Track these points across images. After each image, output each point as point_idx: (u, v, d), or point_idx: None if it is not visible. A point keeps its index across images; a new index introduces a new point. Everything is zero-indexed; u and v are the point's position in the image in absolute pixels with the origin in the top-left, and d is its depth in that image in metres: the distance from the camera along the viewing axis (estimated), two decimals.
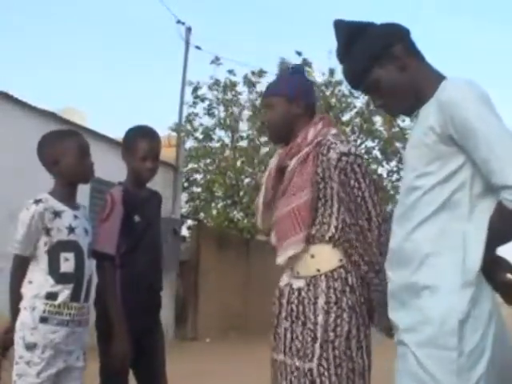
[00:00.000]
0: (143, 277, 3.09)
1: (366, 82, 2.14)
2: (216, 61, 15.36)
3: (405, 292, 1.97)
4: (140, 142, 3.14)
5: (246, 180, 15.29)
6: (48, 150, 2.91)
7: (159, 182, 2.91)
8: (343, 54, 2.19)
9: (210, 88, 15.49)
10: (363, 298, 2.58)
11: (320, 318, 2.52)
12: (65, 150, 2.88)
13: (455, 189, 1.92)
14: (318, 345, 2.50)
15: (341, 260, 2.59)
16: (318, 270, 2.58)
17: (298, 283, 2.62)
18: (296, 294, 2.62)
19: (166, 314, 3.00)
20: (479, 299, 1.86)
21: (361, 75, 2.13)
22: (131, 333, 2.96)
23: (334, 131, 2.73)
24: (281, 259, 2.65)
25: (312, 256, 2.60)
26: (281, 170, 2.76)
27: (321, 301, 2.54)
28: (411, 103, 2.09)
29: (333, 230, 2.58)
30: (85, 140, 2.99)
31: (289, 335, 2.60)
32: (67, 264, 2.81)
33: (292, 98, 2.74)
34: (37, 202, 2.79)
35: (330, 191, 2.59)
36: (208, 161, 15.45)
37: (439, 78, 2.03)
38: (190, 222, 15.69)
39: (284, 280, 2.72)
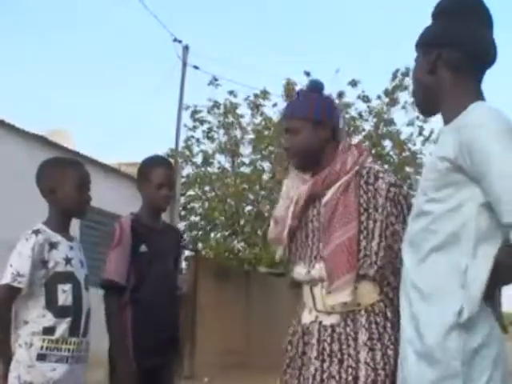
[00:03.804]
0: (152, 312, 3.13)
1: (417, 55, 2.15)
2: (214, 82, 15.35)
3: (407, 330, 1.99)
4: (155, 170, 3.29)
5: (248, 208, 15.25)
6: (47, 176, 2.91)
7: None
8: (434, 13, 2.13)
9: (209, 111, 15.45)
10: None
11: (362, 356, 2.46)
12: (64, 178, 2.88)
13: (462, 221, 1.89)
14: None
15: (379, 294, 2.54)
16: (359, 305, 2.52)
17: (330, 319, 2.56)
18: (329, 331, 2.55)
19: None
20: (487, 339, 1.85)
21: (423, 45, 2.12)
22: (141, 373, 3.01)
23: (370, 159, 2.68)
24: (333, 301, 2.54)
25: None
26: (310, 199, 2.66)
27: (362, 337, 2.49)
28: (427, 107, 2.14)
29: (374, 266, 2.52)
30: (86, 172, 3.00)
31: (318, 376, 2.52)
32: (65, 296, 2.79)
33: (318, 122, 2.66)
34: (36, 232, 2.77)
35: (372, 224, 2.53)
36: (207, 188, 15.42)
37: (471, 100, 1.98)
38: (187, 252, 15.64)
39: (307, 317, 2.64)
